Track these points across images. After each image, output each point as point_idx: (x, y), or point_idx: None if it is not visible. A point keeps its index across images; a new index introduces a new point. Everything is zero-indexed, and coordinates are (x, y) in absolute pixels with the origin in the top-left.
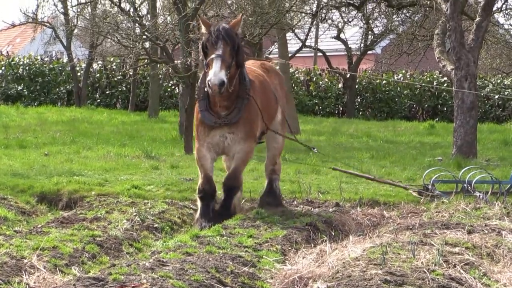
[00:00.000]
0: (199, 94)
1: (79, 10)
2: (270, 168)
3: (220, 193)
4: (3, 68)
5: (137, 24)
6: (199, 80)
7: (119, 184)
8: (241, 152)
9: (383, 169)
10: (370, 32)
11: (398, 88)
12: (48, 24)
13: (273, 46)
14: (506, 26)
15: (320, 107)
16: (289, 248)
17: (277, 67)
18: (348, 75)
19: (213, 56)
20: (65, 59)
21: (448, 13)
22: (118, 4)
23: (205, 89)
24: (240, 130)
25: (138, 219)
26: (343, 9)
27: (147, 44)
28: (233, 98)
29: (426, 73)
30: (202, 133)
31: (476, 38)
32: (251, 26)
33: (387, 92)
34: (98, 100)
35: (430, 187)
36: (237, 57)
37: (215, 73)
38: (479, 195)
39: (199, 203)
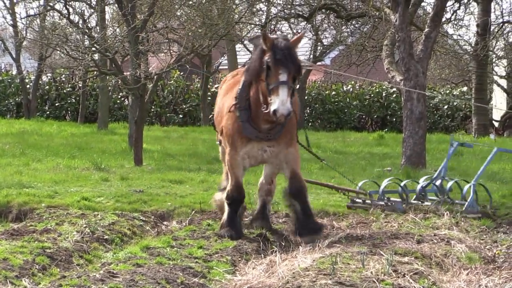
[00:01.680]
0: (240, 103)
1: (28, 22)
2: (265, 188)
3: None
4: None
5: (86, 36)
6: (240, 87)
7: (69, 196)
8: (289, 156)
9: (333, 180)
10: (319, 43)
11: (348, 99)
12: None
13: (222, 58)
14: (455, 37)
15: None
16: (239, 259)
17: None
18: (298, 86)
19: (278, 83)
20: (14, 71)
21: (397, 24)
22: (67, 16)
23: (251, 100)
24: (280, 143)
25: (88, 230)
26: (292, 20)
27: (96, 56)
28: None
29: (375, 84)
30: (239, 143)
31: (425, 48)
32: (200, 38)
33: (336, 103)
34: (48, 112)
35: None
36: (298, 77)
37: (283, 102)
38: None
39: (226, 209)
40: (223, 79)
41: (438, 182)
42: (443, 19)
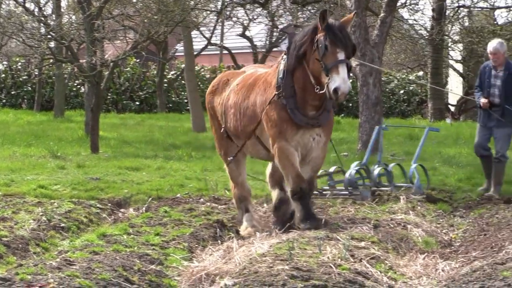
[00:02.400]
0: (285, 92)
1: None
2: (279, 173)
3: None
4: None
5: (42, 24)
6: (281, 76)
7: (25, 184)
8: (318, 159)
9: None
10: (275, 29)
11: None
12: None
13: (178, 44)
14: (410, 22)
15: None
16: (196, 245)
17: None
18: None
19: (337, 61)
20: None
21: (353, 9)
22: (22, 4)
23: (295, 87)
24: (325, 133)
25: (45, 219)
26: (248, 6)
27: (52, 44)
28: (323, 98)
29: None
30: (289, 131)
31: (381, 33)
32: (156, 25)
33: None
34: (4, 101)
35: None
36: (352, 57)
37: (344, 80)
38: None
39: (297, 205)
40: (212, 88)
41: (376, 170)
42: (399, 4)
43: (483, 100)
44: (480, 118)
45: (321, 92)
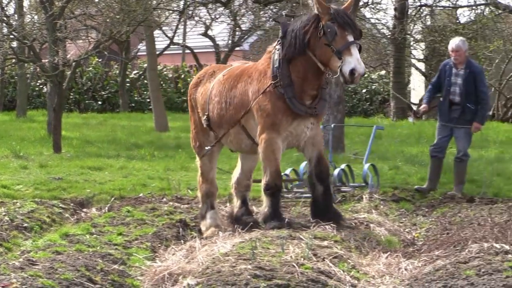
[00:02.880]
0: (283, 80)
1: None
2: (245, 183)
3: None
4: None
5: (4, 24)
6: (276, 66)
7: None
8: (317, 138)
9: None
10: (237, 28)
11: None
12: None
13: (140, 44)
14: (372, 21)
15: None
16: (159, 245)
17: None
18: None
19: (348, 43)
20: None
21: (314, 9)
22: None
23: (291, 76)
24: (318, 120)
25: (7, 218)
26: (210, 5)
27: (14, 44)
28: (319, 87)
29: None
30: (284, 122)
31: None
32: (118, 24)
33: None
34: None
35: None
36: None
37: (359, 61)
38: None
39: (268, 200)
40: (195, 80)
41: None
42: (361, 3)
43: (424, 106)
44: (440, 117)
45: (334, 76)
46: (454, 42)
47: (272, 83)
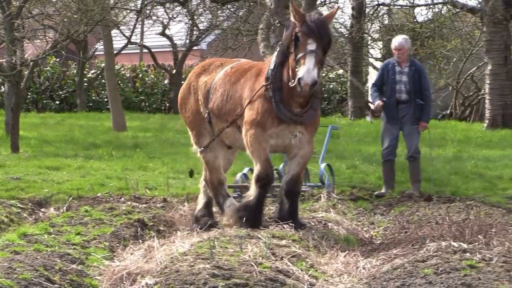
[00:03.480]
0: (273, 83)
1: None
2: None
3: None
4: None
5: None
6: (272, 68)
7: None
8: (304, 157)
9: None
10: (195, 28)
11: None
12: None
13: (98, 43)
14: None
15: (147, 104)
16: (118, 244)
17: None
18: (174, 71)
19: (306, 52)
20: None
21: (272, 8)
22: None
23: (284, 80)
24: (309, 131)
25: None
26: (167, 5)
27: None
28: (309, 96)
29: None
30: (269, 122)
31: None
32: (75, 24)
33: None
34: None
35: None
36: (327, 52)
37: (309, 70)
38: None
39: (255, 191)
40: (196, 69)
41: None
42: (318, 2)
43: (378, 102)
44: (387, 117)
45: (291, 85)
46: (397, 40)
47: (263, 85)
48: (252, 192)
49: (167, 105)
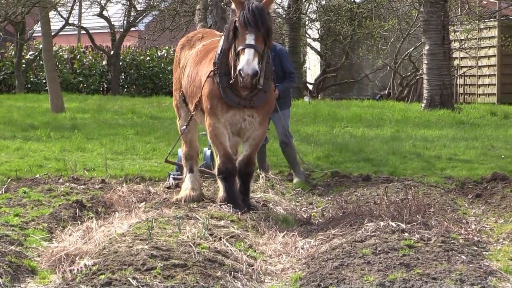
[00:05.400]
0: (219, 69)
1: None
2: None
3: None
4: None
5: None
6: (219, 53)
7: None
8: (256, 139)
9: (148, 145)
10: (133, 9)
11: (162, 65)
12: None
13: (36, 25)
14: None
15: (85, 85)
16: (56, 226)
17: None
18: (112, 52)
19: (244, 46)
20: None
21: None
22: None
23: (230, 65)
24: (260, 113)
25: None
26: None
27: None
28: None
29: None
30: (219, 109)
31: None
32: (13, 5)
33: (151, 69)
34: None
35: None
36: (268, 40)
37: (248, 61)
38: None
39: (222, 185)
40: (180, 43)
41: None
42: None
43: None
44: None
45: (233, 80)
46: None
47: (211, 70)
48: (220, 187)
49: (105, 86)
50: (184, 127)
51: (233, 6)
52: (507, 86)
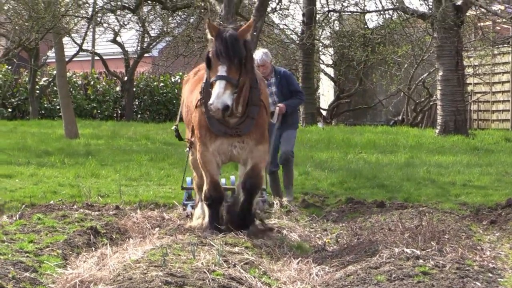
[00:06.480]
0: (205, 98)
1: None
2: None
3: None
4: None
5: None
6: (205, 82)
7: None
8: (256, 158)
9: (162, 171)
10: (146, 35)
11: (176, 91)
12: None
13: (50, 51)
14: (281, 26)
15: (99, 111)
16: (71, 252)
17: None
18: (126, 78)
19: (216, 77)
20: None
21: (223, 15)
22: None
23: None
24: (252, 138)
25: None
26: (118, 12)
27: None
28: (243, 105)
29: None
30: (208, 138)
31: (251, 38)
32: (27, 31)
33: (164, 95)
34: None
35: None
36: (246, 66)
37: (218, 95)
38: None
39: (207, 211)
40: (185, 78)
41: None
42: (269, 9)
43: (280, 105)
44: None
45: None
46: (258, 57)
47: (198, 100)
48: (205, 212)
49: (119, 112)
50: (187, 149)
51: (209, 36)
52: None
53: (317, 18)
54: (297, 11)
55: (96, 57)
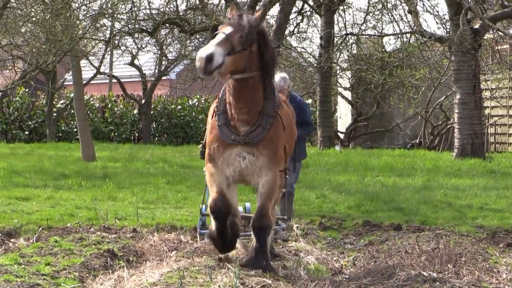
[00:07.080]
0: (218, 107)
1: None
2: None
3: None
4: None
5: None
6: (221, 92)
7: None
8: (265, 186)
9: (180, 194)
10: (164, 57)
11: (193, 113)
12: None
13: (67, 74)
14: (298, 49)
15: (116, 134)
16: (87, 275)
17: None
18: (143, 101)
19: (216, 32)
20: None
21: None
22: None
23: (228, 102)
24: (263, 153)
25: None
26: (136, 35)
27: None
28: (254, 113)
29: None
30: (216, 151)
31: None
32: (44, 54)
33: (182, 118)
34: None
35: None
36: (263, 56)
37: (208, 45)
38: None
39: (213, 223)
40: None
41: None
42: (287, 32)
43: None
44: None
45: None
46: (276, 81)
47: (214, 112)
48: (212, 224)
49: (137, 135)
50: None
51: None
52: None
53: (335, 41)
54: (315, 34)
55: (114, 80)
